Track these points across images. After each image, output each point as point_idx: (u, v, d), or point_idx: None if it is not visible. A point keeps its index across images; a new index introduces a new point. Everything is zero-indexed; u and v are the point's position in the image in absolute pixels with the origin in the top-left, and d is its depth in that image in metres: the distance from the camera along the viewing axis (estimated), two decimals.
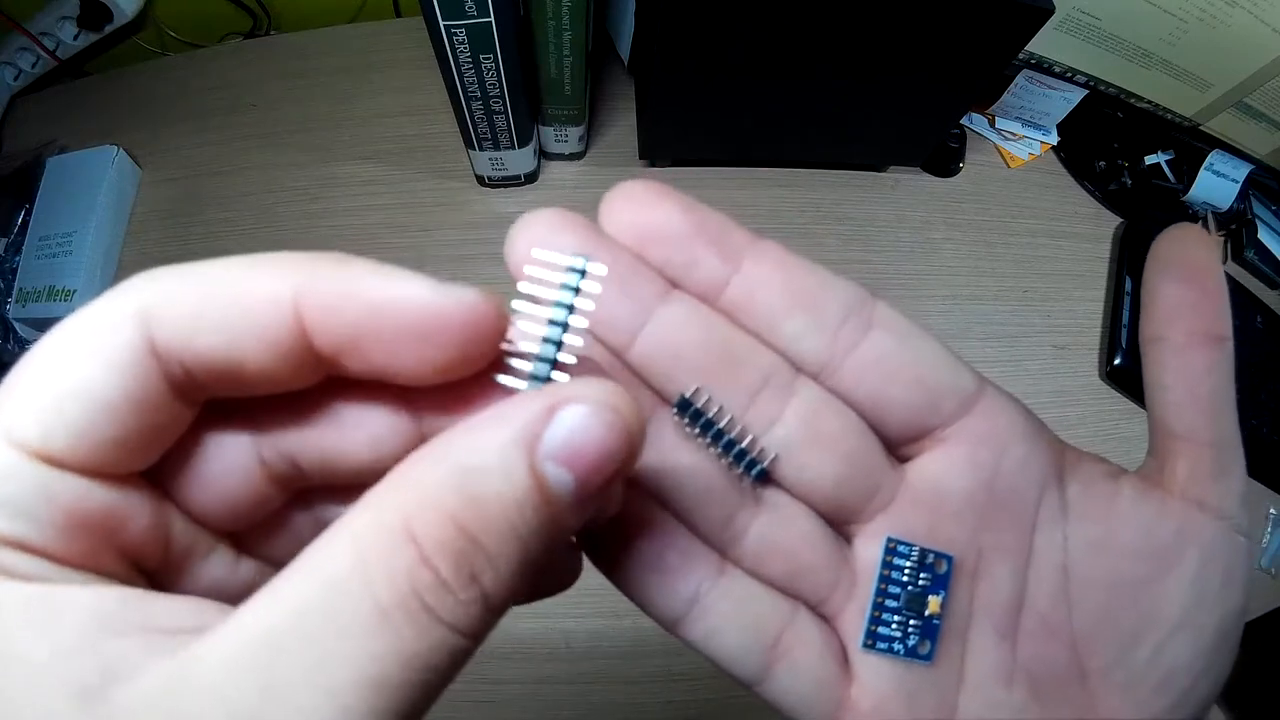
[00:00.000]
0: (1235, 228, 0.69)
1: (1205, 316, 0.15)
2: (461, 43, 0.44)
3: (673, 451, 0.14)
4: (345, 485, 0.14)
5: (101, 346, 0.11)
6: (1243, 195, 0.66)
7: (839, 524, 0.15)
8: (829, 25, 0.46)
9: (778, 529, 0.15)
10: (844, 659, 0.15)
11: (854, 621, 0.15)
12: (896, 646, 0.15)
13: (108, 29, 0.64)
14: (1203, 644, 0.15)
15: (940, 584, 0.15)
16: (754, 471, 0.14)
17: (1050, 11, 0.46)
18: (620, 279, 0.14)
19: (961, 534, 0.15)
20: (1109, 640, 0.15)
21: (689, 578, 0.14)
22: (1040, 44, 0.54)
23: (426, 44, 0.44)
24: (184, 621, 0.10)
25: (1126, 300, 0.61)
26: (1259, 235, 0.69)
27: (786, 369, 0.14)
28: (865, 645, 0.15)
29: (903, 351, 0.14)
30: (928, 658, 0.15)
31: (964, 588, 0.15)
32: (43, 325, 0.55)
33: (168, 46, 0.70)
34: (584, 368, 0.13)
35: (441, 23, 0.42)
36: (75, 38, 0.64)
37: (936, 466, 0.15)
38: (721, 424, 0.14)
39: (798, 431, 0.14)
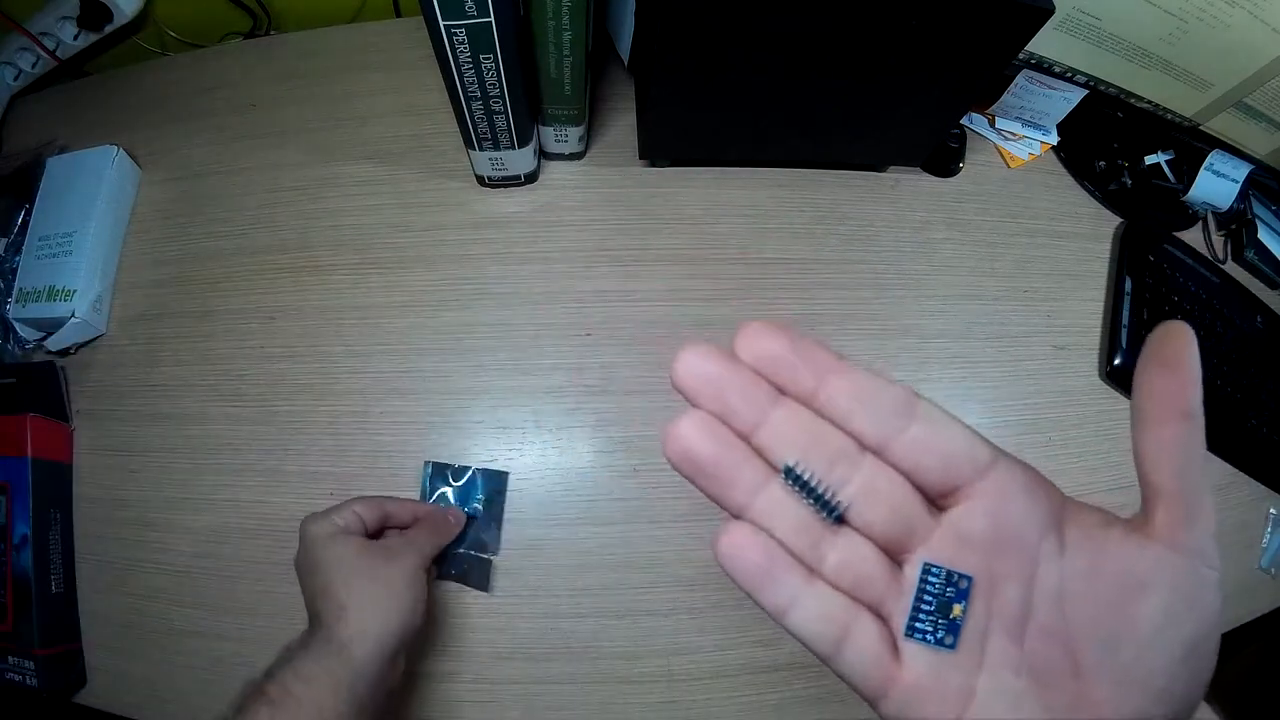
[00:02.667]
0: (1235, 228, 0.69)
1: (1179, 399, 0.20)
2: (461, 43, 0.44)
3: (780, 501, 0.21)
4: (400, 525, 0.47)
5: (359, 514, 0.43)
6: (1243, 195, 0.66)
7: (892, 553, 0.21)
8: (829, 25, 0.46)
9: (848, 555, 0.21)
10: (894, 646, 0.21)
11: (900, 620, 0.21)
12: (929, 637, 0.20)
13: (108, 29, 0.64)
14: (1174, 654, 0.19)
15: (962, 595, 0.20)
16: (833, 515, 0.21)
17: (1050, 11, 0.46)
18: (749, 387, 0.20)
19: (980, 563, 0.20)
20: (1097, 645, 0.19)
21: (789, 584, 0.20)
22: (1040, 44, 0.54)
23: (426, 44, 0.44)
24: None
25: (1126, 300, 0.61)
26: (1259, 235, 0.69)
27: (854, 448, 0.20)
28: (906, 634, 0.20)
29: (935, 435, 0.20)
30: (952, 646, 0.20)
31: (982, 602, 0.20)
32: (42, 325, 0.55)
33: (168, 46, 0.70)
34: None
35: (441, 23, 0.42)
36: (75, 38, 0.64)
37: (960, 514, 0.21)
38: (812, 483, 0.20)
39: (862, 490, 0.20)
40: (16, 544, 0.48)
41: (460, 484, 0.52)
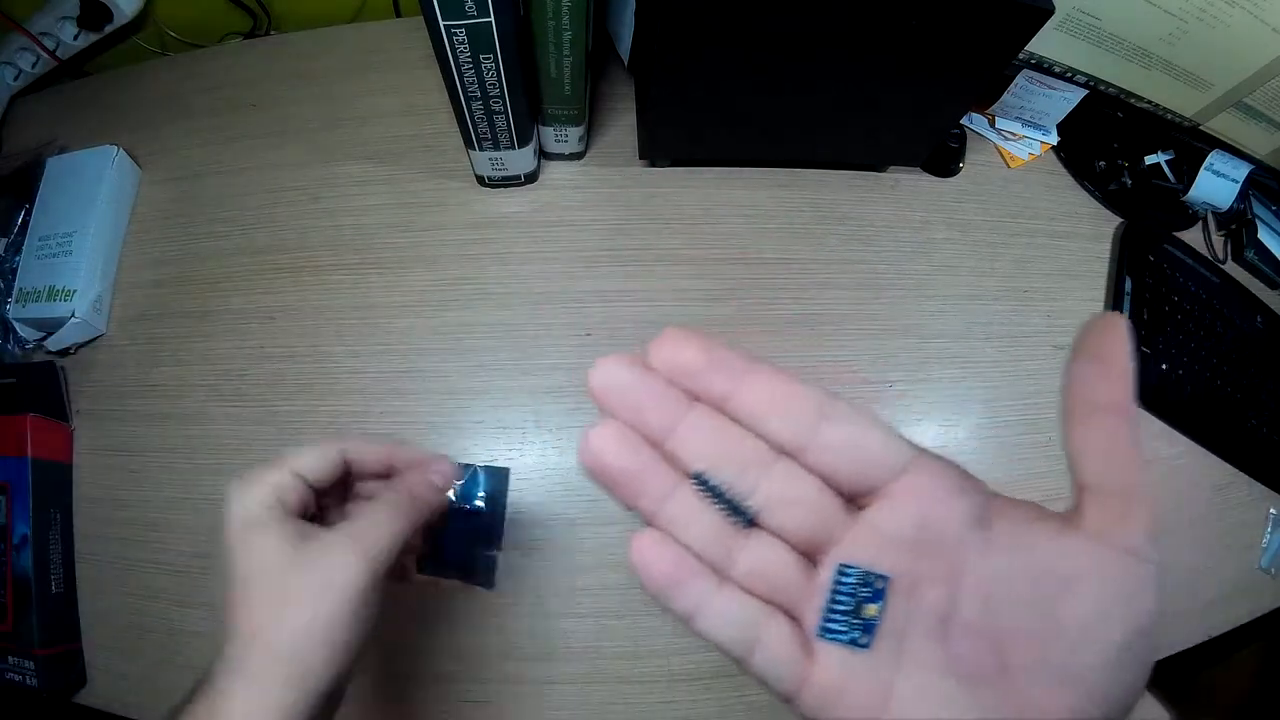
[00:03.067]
0: (1235, 228, 0.69)
1: (1109, 392, 0.20)
2: (461, 43, 0.44)
3: (693, 507, 0.21)
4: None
5: (302, 474, 0.32)
6: (1243, 195, 0.66)
7: (807, 554, 0.21)
8: (829, 25, 0.46)
9: (760, 558, 0.21)
10: (807, 647, 0.20)
11: (815, 621, 0.20)
12: (842, 637, 0.20)
13: (108, 29, 0.64)
14: (1108, 651, 0.19)
15: (877, 596, 0.20)
16: (744, 519, 0.21)
17: (1050, 11, 0.46)
18: (661, 395, 0.20)
19: (900, 562, 0.20)
20: (1026, 643, 0.19)
21: (697, 589, 0.20)
22: (1040, 44, 0.54)
23: (426, 44, 0.44)
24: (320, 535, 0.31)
25: (1126, 300, 0.61)
26: (1259, 235, 0.69)
27: (768, 451, 0.20)
28: (819, 635, 0.20)
29: (850, 435, 0.20)
30: (866, 646, 0.20)
31: (902, 601, 0.20)
32: (42, 325, 0.55)
33: (168, 46, 0.70)
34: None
35: (441, 23, 0.42)
36: (75, 38, 0.64)
37: (879, 514, 0.20)
38: (723, 488, 0.20)
39: (775, 493, 0.20)
40: (16, 544, 0.48)
41: (461, 482, 0.52)
